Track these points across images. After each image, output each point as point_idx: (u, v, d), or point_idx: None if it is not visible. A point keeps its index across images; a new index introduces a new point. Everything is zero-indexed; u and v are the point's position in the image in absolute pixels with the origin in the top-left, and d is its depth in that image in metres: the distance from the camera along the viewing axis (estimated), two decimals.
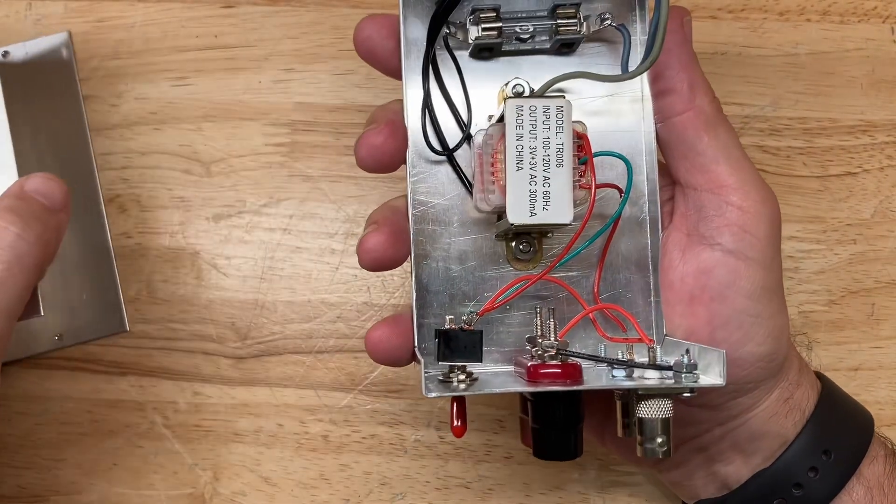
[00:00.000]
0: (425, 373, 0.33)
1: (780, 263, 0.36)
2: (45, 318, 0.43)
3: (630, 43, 0.36)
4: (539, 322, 0.36)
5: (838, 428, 0.38)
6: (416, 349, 0.35)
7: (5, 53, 0.46)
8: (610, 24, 0.36)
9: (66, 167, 0.45)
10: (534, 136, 0.32)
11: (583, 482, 0.46)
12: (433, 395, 0.32)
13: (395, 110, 0.36)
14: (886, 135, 0.49)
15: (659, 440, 0.32)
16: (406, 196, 0.36)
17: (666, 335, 0.37)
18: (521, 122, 0.32)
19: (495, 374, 0.36)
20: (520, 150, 0.32)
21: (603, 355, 0.36)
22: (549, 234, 0.37)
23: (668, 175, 0.38)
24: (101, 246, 0.43)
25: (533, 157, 0.32)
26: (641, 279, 0.37)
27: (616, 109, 0.37)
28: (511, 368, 0.36)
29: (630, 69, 0.35)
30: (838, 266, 0.48)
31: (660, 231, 0.37)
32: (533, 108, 0.32)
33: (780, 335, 0.36)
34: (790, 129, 0.49)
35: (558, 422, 0.34)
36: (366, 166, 0.36)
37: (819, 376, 0.40)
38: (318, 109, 0.48)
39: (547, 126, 0.33)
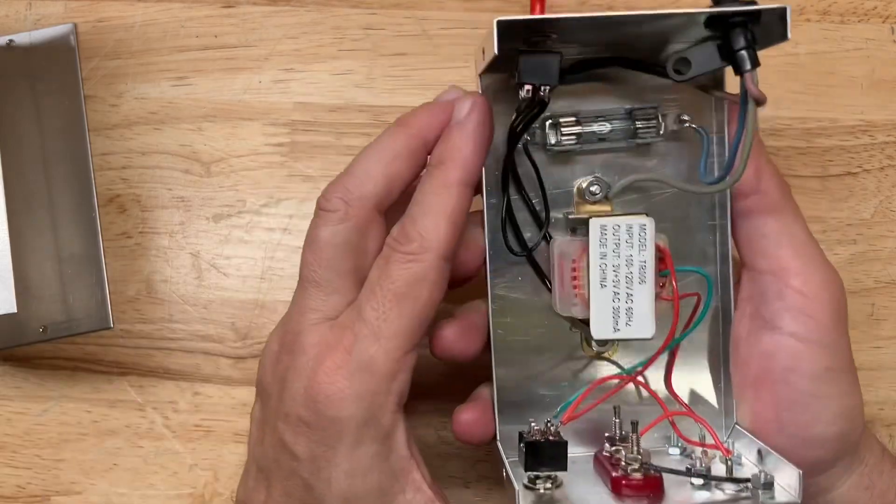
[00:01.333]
0: (523, 495, 0.33)
1: (848, 344, 0.37)
2: (32, 310, 0.43)
3: (708, 145, 0.36)
4: (618, 421, 0.36)
5: None
6: (498, 440, 0.36)
7: (10, 42, 0.46)
8: (689, 126, 0.36)
9: (65, 159, 0.45)
10: (617, 254, 0.33)
11: None
12: None
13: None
14: (886, 135, 0.49)
15: None
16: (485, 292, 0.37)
17: (735, 423, 0.37)
18: (605, 240, 0.33)
19: (574, 462, 0.35)
20: (603, 268, 0.33)
21: (676, 445, 0.37)
22: None
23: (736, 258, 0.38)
24: (91, 242, 0.44)
25: (616, 275, 0.33)
26: (713, 367, 0.38)
27: (690, 208, 0.38)
28: (588, 453, 0.37)
29: (704, 170, 0.35)
30: (838, 266, 0.47)
31: (731, 321, 0.38)
32: (616, 228, 0.33)
33: (852, 414, 0.36)
34: (790, 129, 0.49)
35: None
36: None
37: None
38: (318, 109, 0.48)
39: (630, 244, 0.33)
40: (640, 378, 0.37)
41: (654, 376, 0.38)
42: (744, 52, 0.31)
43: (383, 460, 0.33)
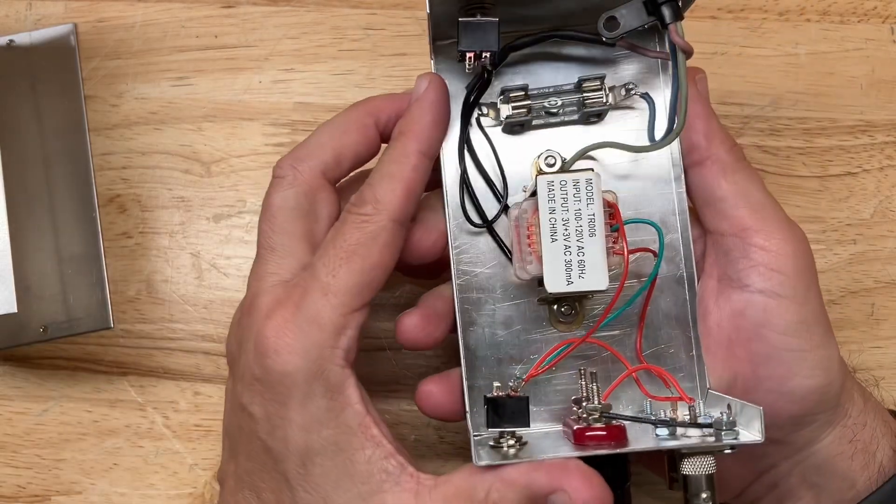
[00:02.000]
0: (475, 437, 0.34)
1: (819, 297, 0.37)
2: (32, 310, 0.43)
3: (654, 110, 0.38)
4: (584, 384, 0.36)
5: None
6: (468, 413, 0.36)
7: (10, 42, 0.46)
8: (634, 94, 0.37)
9: (66, 160, 0.45)
10: (566, 208, 0.34)
11: None
12: (483, 463, 0.33)
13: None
14: (886, 135, 0.49)
15: (703, 496, 0.34)
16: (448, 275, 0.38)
17: (709, 389, 0.37)
18: (552, 196, 0.34)
19: (546, 433, 0.37)
20: (553, 222, 0.34)
21: (647, 412, 0.37)
22: (590, 296, 0.38)
23: (699, 225, 0.39)
24: (91, 242, 0.44)
25: (566, 229, 0.34)
26: (682, 334, 0.38)
27: (644, 172, 0.39)
28: (560, 428, 0.38)
29: (656, 134, 0.37)
30: (838, 266, 0.48)
31: (696, 287, 0.38)
32: (563, 183, 0.34)
33: (830, 366, 0.36)
34: (790, 130, 0.49)
35: (607, 483, 0.34)
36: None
37: None
38: (318, 109, 0.48)
39: (578, 199, 0.34)
40: (605, 341, 0.38)
41: (625, 347, 0.38)
42: (666, 6, 0.32)
43: (336, 415, 0.34)
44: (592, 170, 0.35)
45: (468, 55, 0.35)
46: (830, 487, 0.38)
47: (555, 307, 0.38)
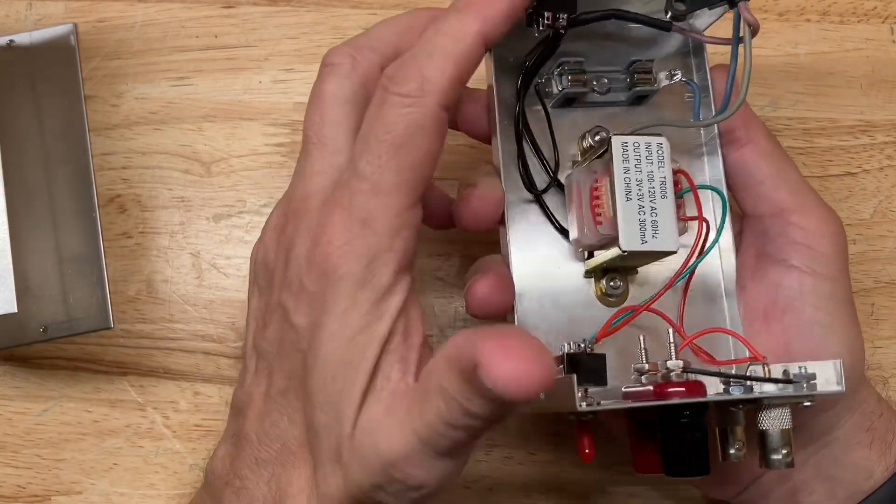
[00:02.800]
0: (579, 385, 0.31)
1: (849, 280, 0.38)
2: (32, 310, 0.43)
3: (699, 94, 0.39)
4: (645, 350, 0.36)
5: None
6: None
7: (10, 42, 0.46)
8: (680, 80, 0.38)
9: (66, 160, 0.45)
10: (639, 169, 0.35)
11: (583, 483, 0.46)
12: (587, 409, 0.31)
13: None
14: (886, 135, 0.49)
15: (784, 451, 0.34)
16: (502, 247, 0.38)
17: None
18: (626, 156, 0.35)
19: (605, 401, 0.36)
20: (627, 181, 0.34)
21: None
22: (636, 272, 0.39)
23: (735, 210, 0.40)
24: (91, 242, 0.44)
25: (640, 189, 0.34)
26: (718, 308, 0.39)
27: (683, 159, 0.39)
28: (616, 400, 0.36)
29: (701, 116, 0.38)
30: None
31: (734, 259, 0.39)
32: (636, 145, 0.35)
33: (854, 347, 0.37)
34: (790, 130, 0.49)
35: (693, 439, 0.33)
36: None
37: None
38: None
39: (650, 161, 0.35)
40: (656, 308, 0.37)
41: (664, 322, 0.37)
42: None
43: (370, 323, 0.31)
44: (661, 134, 0.35)
45: (546, 15, 0.35)
46: (846, 479, 0.38)
47: (602, 282, 0.39)
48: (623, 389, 0.35)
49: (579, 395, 0.31)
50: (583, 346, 0.35)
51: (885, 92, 0.49)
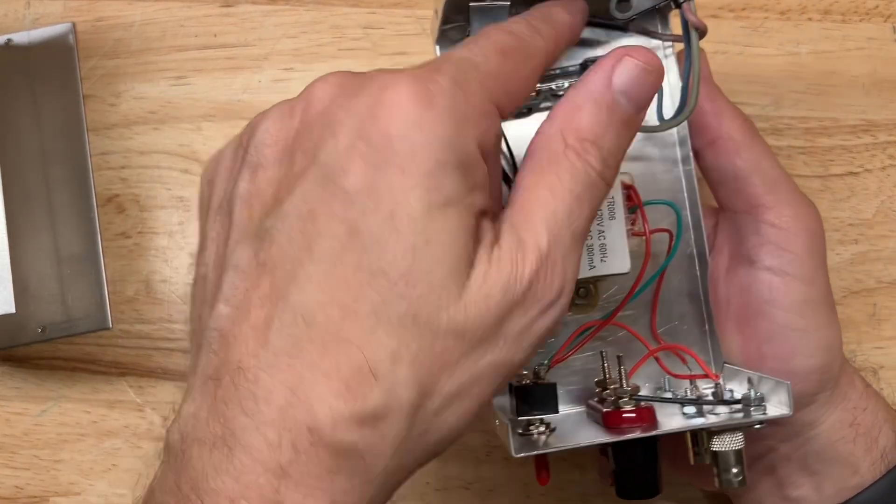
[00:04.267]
0: (513, 432, 0.32)
1: (826, 277, 0.37)
2: (30, 310, 0.43)
3: (661, 91, 0.36)
4: (606, 366, 0.36)
5: None
6: (495, 409, 0.35)
7: (8, 41, 0.46)
8: None
9: (64, 159, 0.45)
10: None
11: (583, 483, 0.46)
12: (522, 454, 0.32)
13: None
14: (888, 134, 0.49)
15: (734, 471, 0.34)
16: None
17: (725, 362, 0.37)
18: None
19: (567, 415, 0.36)
20: None
21: (668, 389, 0.37)
22: (607, 279, 0.38)
23: (711, 203, 0.39)
24: (90, 242, 0.44)
25: (588, 231, 0.33)
26: (695, 310, 0.38)
27: (650, 152, 0.38)
28: (581, 409, 0.37)
29: (665, 114, 0.36)
30: (840, 266, 0.48)
31: (708, 262, 0.38)
32: None
33: (831, 347, 0.37)
34: (791, 129, 0.48)
35: (640, 465, 0.34)
36: None
37: None
38: None
39: None
40: (620, 320, 0.38)
41: (640, 326, 0.38)
42: None
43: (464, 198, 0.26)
44: None
45: None
46: (832, 474, 0.38)
47: None
48: (587, 402, 0.36)
49: (514, 444, 0.31)
50: (538, 369, 0.35)
51: (887, 91, 0.49)
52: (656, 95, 0.36)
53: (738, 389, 0.36)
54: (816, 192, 0.48)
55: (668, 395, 0.37)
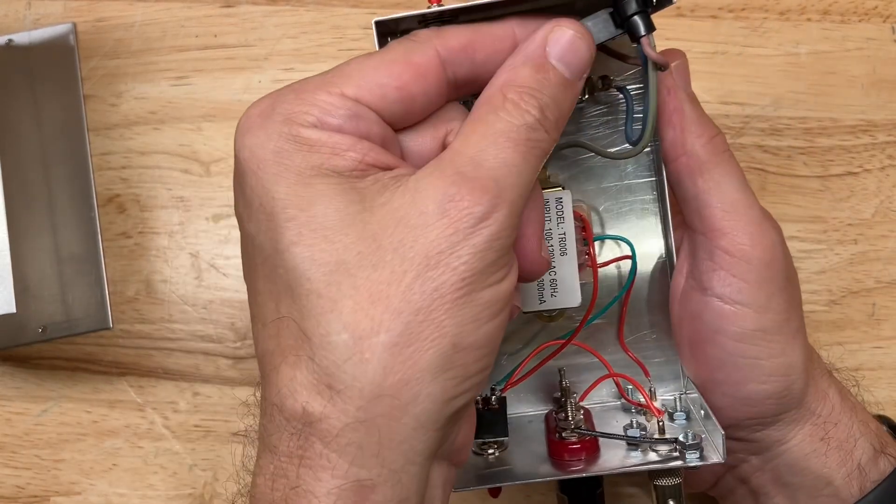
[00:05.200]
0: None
1: (784, 303, 0.36)
2: (31, 310, 0.43)
3: (631, 106, 0.36)
4: (564, 384, 0.37)
5: None
6: None
7: (9, 41, 0.46)
8: (610, 87, 0.36)
9: (65, 159, 0.45)
10: None
11: None
12: (470, 489, 0.34)
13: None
14: (887, 134, 0.49)
15: (671, 502, 0.35)
16: None
17: (688, 377, 0.38)
18: None
19: (529, 419, 0.38)
20: None
21: (628, 398, 0.38)
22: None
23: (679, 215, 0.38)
24: (90, 242, 0.44)
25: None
26: (664, 320, 0.38)
27: (624, 160, 0.38)
28: (539, 410, 0.39)
29: (630, 130, 0.35)
30: (839, 266, 0.48)
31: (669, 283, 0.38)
32: None
33: (787, 373, 0.36)
34: (791, 129, 0.49)
35: (583, 494, 0.37)
36: None
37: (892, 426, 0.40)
38: None
39: (548, 218, 0.34)
40: (590, 341, 0.38)
41: (608, 335, 0.38)
42: (637, 18, 0.30)
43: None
44: (563, 187, 0.35)
45: None
46: (806, 486, 0.37)
47: None
48: (547, 414, 0.38)
49: (463, 476, 0.33)
50: (493, 390, 0.36)
51: (886, 91, 0.49)
52: (626, 117, 0.36)
53: (693, 406, 0.37)
54: (816, 192, 0.48)
55: (630, 406, 0.38)
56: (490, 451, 0.35)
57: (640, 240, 0.38)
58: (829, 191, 0.48)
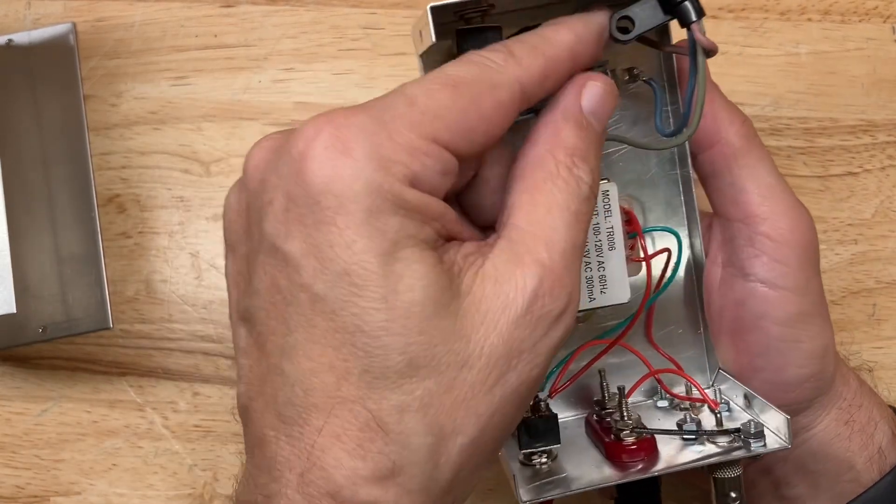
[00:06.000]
0: (514, 475, 0.33)
1: (819, 285, 0.36)
2: (31, 310, 0.43)
3: (660, 99, 0.35)
4: (606, 385, 0.36)
5: None
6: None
7: (9, 41, 0.46)
8: (640, 80, 0.36)
9: (65, 159, 0.45)
10: None
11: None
12: (527, 500, 0.32)
13: None
14: (887, 134, 0.49)
15: (733, 494, 0.34)
16: None
17: (720, 369, 0.37)
18: None
19: (564, 426, 0.36)
20: None
21: (663, 397, 0.37)
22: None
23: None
24: (90, 242, 0.44)
25: (586, 245, 0.32)
26: (692, 314, 0.38)
27: (649, 154, 0.37)
28: (576, 414, 0.38)
29: (660, 123, 0.34)
30: (839, 266, 0.48)
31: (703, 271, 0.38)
32: None
33: (824, 354, 0.36)
34: (791, 129, 0.49)
35: (642, 498, 0.36)
36: None
37: None
38: (317, 109, 0.48)
39: (595, 212, 0.33)
40: (623, 339, 0.37)
41: (636, 332, 0.38)
42: (687, 3, 0.30)
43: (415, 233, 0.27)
44: (608, 179, 0.34)
45: None
46: (829, 472, 0.38)
47: None
48: (587, 419, 0.37)
49: (522, 493, 0.32)
50: (537, 397, 0.34)
51: (886, 91, 0.49)
52: (655, 110, 0.35)
53: (731, 399, 0.36)
54: (816, 193, 0.48)
55: (665, 405, 0.38)
56: (542, 460, 0.34)
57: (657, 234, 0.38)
58: (829, 191, 0.48)
